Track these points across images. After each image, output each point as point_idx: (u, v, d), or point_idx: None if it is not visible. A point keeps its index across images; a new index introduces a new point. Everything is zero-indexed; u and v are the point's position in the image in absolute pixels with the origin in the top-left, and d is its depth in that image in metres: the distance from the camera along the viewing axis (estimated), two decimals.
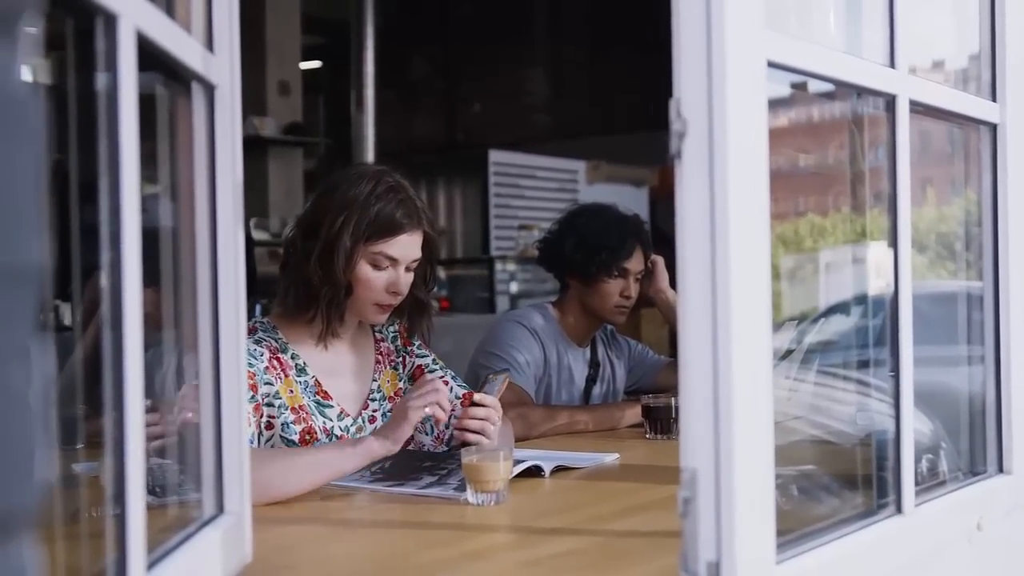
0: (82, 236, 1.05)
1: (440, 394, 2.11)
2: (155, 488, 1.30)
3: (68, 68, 1.13)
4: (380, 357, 2.44)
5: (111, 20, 1.01)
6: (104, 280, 1.01)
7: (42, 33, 0.70)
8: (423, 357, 2.50)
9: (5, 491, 0.57)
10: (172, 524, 1.33)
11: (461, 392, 2.45)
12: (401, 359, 2.48)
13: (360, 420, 2.34)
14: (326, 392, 2.30)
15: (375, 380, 2.41)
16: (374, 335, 2.46)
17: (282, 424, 2.20)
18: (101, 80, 1.02)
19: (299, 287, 2.27)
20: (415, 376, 2.45)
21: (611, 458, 2.42)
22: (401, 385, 2.45)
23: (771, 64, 1.28)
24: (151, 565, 1.09)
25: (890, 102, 1.57)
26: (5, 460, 0.56)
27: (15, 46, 0.58)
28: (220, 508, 1.39)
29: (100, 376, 1.04)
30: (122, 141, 1.02)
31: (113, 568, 1.00)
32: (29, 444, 0.57)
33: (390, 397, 2.42)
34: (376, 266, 2.26)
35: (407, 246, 2.28)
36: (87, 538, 1.26)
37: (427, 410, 2.09)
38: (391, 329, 2.48)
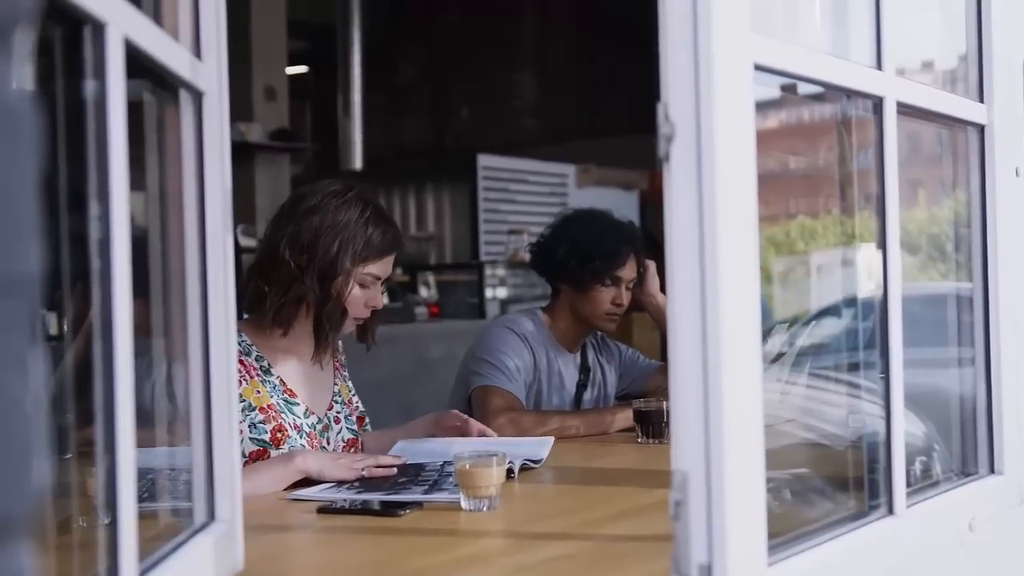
0: (71, 244, 1.05)
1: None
2: (143, 495, 1.29)
3: (55, 75, 1.12)
4: (338, 365, 2.55)
5: (99, 28, 1.00)
6: (94, 289, 1.01)
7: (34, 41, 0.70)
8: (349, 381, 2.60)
9: (3, 496, 0.57)
10: (163, 531, 1.33)
11: (348, 437, 2.51)
12: (347, 373, 2.58)
13: (326, 419, 2.44)
14: (292, 391, 2.37)
15: (336, 385, 2.51)
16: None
17: (250, 425, 2.27)
18: (89, 88, 1.02)
19: (292, 304, 2.32)
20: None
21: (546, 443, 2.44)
22: (352, 396, 2.57)
23: (758, 67, 1.28)
24: (143, 573, 1.09)
25: (877, 104, 1.57)
26: (3, 466, 0.56)
27: (10, 55, 0.58)
28: (211, 516, 1.38)
29: (89, 386, 1.03)
30: (111, 149, 1.01)
31: None
32: (27, 450, 0.57)
33: (347, 402, 2.52)
34: (363, 285, 2.36)
35: (390, 265, 2.41)
36: (72, 547, 1.25)
37: (362, 472, 2.17)
38: (340, 343, 2.58)
